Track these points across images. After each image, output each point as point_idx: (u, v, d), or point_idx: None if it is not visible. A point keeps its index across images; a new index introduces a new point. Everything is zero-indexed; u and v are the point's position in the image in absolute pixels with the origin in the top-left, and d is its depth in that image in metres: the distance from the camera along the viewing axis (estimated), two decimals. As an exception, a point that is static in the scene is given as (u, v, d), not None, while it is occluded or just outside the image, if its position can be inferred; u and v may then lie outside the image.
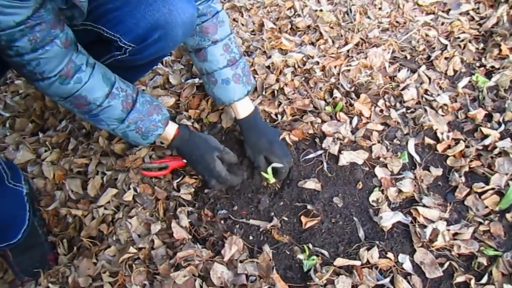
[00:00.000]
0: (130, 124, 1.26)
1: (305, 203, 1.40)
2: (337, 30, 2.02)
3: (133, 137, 1.31)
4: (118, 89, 1.22)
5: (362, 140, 1.52)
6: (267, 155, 1.46)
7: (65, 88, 1.12)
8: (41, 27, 0.97)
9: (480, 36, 1.88)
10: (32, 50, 0.99)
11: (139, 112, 1.27)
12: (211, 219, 1.41)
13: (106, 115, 1.22)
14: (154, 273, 1.28)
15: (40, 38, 0.98)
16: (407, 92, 1.66)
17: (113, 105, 1.21)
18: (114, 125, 1.25)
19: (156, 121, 1.31)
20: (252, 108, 1.50)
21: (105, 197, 1.50)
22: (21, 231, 1.40)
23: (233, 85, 1.43)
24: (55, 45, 1.02)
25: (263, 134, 1.49)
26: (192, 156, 1.44)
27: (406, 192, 1.38)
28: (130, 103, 1.25)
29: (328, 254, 1.29)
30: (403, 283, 1.18)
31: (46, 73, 1.06)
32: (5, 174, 1.34)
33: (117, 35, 1.15)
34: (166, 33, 1.15)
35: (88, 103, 1.17)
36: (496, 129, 1.49)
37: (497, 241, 1.25)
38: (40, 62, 1.03)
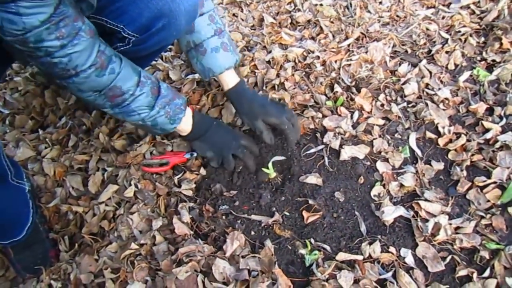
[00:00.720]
0: (160, 109, 1.27)
1: (307, 198, 1.40)
2: (338, 25, 2.01)
3: (162, 123, 1.31)
4: (145, 77, 1.23)
5: (363, 135, 1.51)
6: (264, 118, 1.48)
7: (101, 80, 1.12)
8: (65, 22, 0.97)
9: (481, 30, 1.87)
10: (61, 46, 0.99)
11: (165, 97, 1.28)
12: (212, 215, 1.41)
13: (138, 104, 1.22)
14: (156, 269, 1.28)
15: (66, 33, 0.98)
16: (408, 86, 1.65)
17: (144, 92, 1.22)
18: (145, 113, 1.25)
19: (179, 104, 1.33)
20: (239, 79, 1.53)
21: (106, 193, 1.50)
22: (25, 228, 1.40)
23: (223, 53, 1.45)
24: (81, 37, 1.02)
25: (254, 100, 1.51)
26: (211, 126, 1.47)
27: (407, 186, 1.38)
28: (156, 90, 1.26)
29: (330, 248, 1.28)
30: (405, 277, 1.18)
31: (80, 67, 1.05)
32: (9, 172, 1.34)
33: (121, 25, 1.16)
34: (169, 21, 1.16)
35: (123, 93, 1.18)
36: (497, 123, 1.49)
37: (499, 235, 1.24)
38: (71, 57, 1.02)
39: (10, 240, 1.39)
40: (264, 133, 1.48)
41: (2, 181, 1.32)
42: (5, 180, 1.33)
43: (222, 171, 1.51)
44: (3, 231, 1.38)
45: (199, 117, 1.45)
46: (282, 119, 1.47)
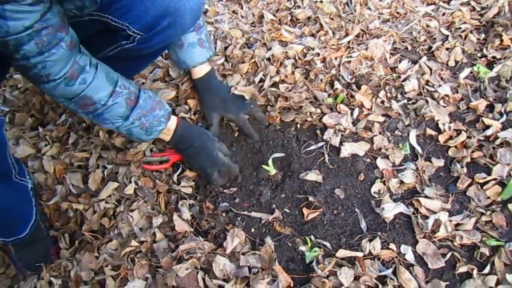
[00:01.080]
0: (135, 120, 1.26)
1: (307, 195, 1.40)
2: (338, 21, 2.01)
3: (137, 134, 1.31)
4: (121, 87, 1.22)
5: (364, 132, 1.51)
6: (221, 113, 1.56)
7: (70, 89, 1.12)
8: (48, 31, 0.97)
9: (481, 27, 1.86)
10: (38, 53, 0.99)
11: (142, 108, 1.27)
12: (212, 212, 1.41)
13: (111, 113, 1.22)
14: (156, 266, 1.28)
15: (47, 42, 0.99)
16: (408, 83, 1.65)
17: (117, 102, 1.21)
18: (118, 123, 1.25)
19: (159, 116, 1.32)
20: (208, 68, 1.59)
21: (106, 190, 1.50)
22: (29, 225, 1.41)
23: (199, 48, 1.50)
24: (60, 48, 1.03)
25: (216, 93, 1.59)
26: (195, 144, 1.43)
27: (407, 183, 1.38)
28: (133, 100, 1.25)
29: (330, 245, 1.29)
30: (405, 274, 1.18)
31: (52, 76, 1.06)
32: (14, 169, 1.34)
33: (126, 23, 1.16)
34: (175, 20, 1.16)
35: (93, 103, 1.17)
36: (497, 119, 1.49)
37: (499, 232, 1.25)
38: (46, 65, 1.03)
39: (14, 237, 1.39)
40: (213, 125, 1.55)
41: (6, 179, 1.32)
42: (9, 178, 1.33)
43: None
44: (8, 229, 1.38)
45: (183, 132, 1.43)
46: (238, 115, 1.54)
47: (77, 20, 1.13)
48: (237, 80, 1.74)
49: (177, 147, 1.47)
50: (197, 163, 1.46)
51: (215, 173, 1.43)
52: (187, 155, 1.47)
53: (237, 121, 1.55)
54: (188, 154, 1.46)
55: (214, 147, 1.44)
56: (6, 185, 1.32)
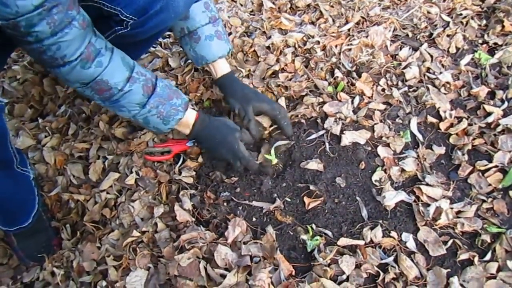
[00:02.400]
0: (152, 108, 1.24)
1: (308, 184, 1.39)
2: (338, 9, 1.99)
3: (154, 123, 1.29)
4: (138, 73, 1.20)
5: (364, 120, 1.51)
6: (257, 103, 1.47)
7: (87, 72, 1.10)
8: (58, 9, 0.95)
9: (482, 13, 1.85)
10: (51, 34, 0.97)
11: (160, 96, 1.25)
12: (214, 202, 1.41)
13: (127, 100, 1.20)
14: (158, 256, 1.29)
15: (59, 21, 0.96)
16: (409, 70, 1.64)
17: (134, 89, 1.19)
18: (135, 111, 1.23)
19: (177, 105, 1.29)
20: (229, 68, 1.53)
21: (107, 181, 1.50)
22: (32, 215, 1.42)
23: (217, 41, 1.44)
24: (73, 27, 1.00)
25: (246, 87, 1.53)
26: (216, 139, 1.41)
27: (409, 171, 1.38)
28: (150, 87, 1.23)
29: (331, 234, 1.29)
30: (406, 262, 1.19)
31: (68, 57, 1.04)
32: (15, 159, 1.34)
33: (118, 8, 1.14)
34: (167, 3, 1.15)
35: (110, 88, 1.15)
36: (499, 106, 1.48)
37: (500, 218, 1.25)
38: (60, 46, 1.01)
39: (17, 227, 1.40)
40: (251, 122, 1.47)
41: (8, 168, 1.32)
42: (11, 167, 1.33)
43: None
44: (11, 218, 1.39)
45: (201, 127, 1.40)
46: (273, 105, 1.48)
47: None
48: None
49: (198, 140, 1.46)
50: (219, 155, 1.43)
51: (238, 162, 1.40)
52: (208, 148, 1.47)
53: (273, 111, 1.47)
54: (209, 147, 1.45)
55: (236, 140, 1.40)
56: (7, 174, 1.32)
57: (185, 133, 1.41)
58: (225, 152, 1.40)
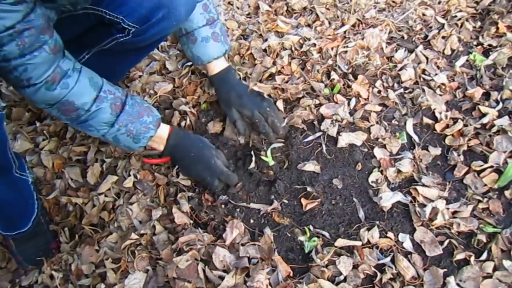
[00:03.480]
0: (121, 127, 1.23)
1: (305, 185, 1.40)
2: (334, 11, 2.01)
3: (124, 141, 1.27)
4: (106, 92, 1.19)
5: (361, 122, 1.52)
6: (238, 108, 1.51)
7: (52, 94, 1.09)
8: (30, 32, 0.95)
9: (477, 14, 1.86)
10: (19, 55, 0.97)
11: (129, 114, 1.23)
12: (211, 204, 1.42)
13: (95, 120, 1.18)
14: (156, 259, 1.29)
15: (29, 44, 0.96)
16: (405, 72, 1.65)
17: (102, 108, 1.17)
18: (104, 130, 1.22)
19: (147, 122, 1.28)
20: (225, 65, 1.55)
21: (105, 184, 1.50)
22: (31, 219, 1.42)
23: (212, 43, 1.46)
24: (43, 51, 1.00)
25: (233, 89, 1.53)
26: (191, 153, 1.40)
27: (405, 172, 1.39)
28: (119, 106, 1.21)
29: (329, 235, 1.30)
30: (403, 262, 1.19)
31: (33, 80, 1.03)
32: (14, 164, 1.33)
33: (120, 16, 1.15)
34: (169, 12, 1.16)
35: (76, 109, 1.14)
36: (494, 107, 1.49)
37: (496, 218, 1.26)
38: (27, 68, 1.00)
39: (17, 231, 1.40)
40: (237, 122, 1.50)
41: (7, 173, 1.32)
42: (10, 172, 1.33)
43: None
44: (11, 223, 1.39)
45: (177, 141, 1.39)
46: (255, 112, 1.48)
47: (72, 15, 1.12)
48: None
49: (172, 157, 1.44)
50: (195, 173, 1.43)
51: (216, 180, 1.40)
52: (183, 165, 1.44)
53: (252, 118, 1.49)
54: (184, 164, 1.43)
55: (212, 155, 1.41)
56: (7, 180, 1.32)
57: (159, 149, 1.40)
58: (201, 169, 1.40)
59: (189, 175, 1.46)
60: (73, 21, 1.12)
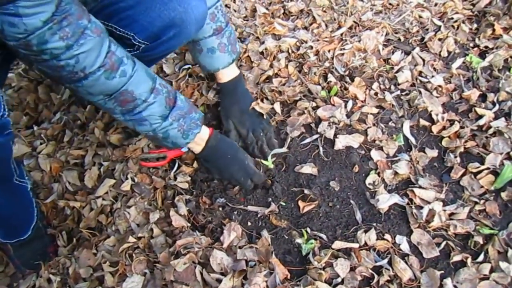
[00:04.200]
0: (173, 121, 1.22)
1: (302, 188, 1.41)
2: (330, 14, 2.01)
3: (173, 137, 1.26)
4: (161, 85, 1.18)
5: (358, 124, 1.52)
6: (236, 123, 1.54)
7: (111, 83, 1.06)
8: (68, 20, 0.92)
9: (473, 17, 1.87)
10: (66, 47, 0.93)
11: (181, 109, 1.23)
12: (209, 207, 1.42)
13: (150, 112, 1.17)
14: (154, 262, 1.29)
15: (71, 33, 0.93)
16: (402, 74, 1.65)
17: (157, 101, 1.16)
18: (157, 124, 1.20)
19: (196, 119, 1.29)
20: (235, 73, 1.54)
21: (103, 187, 1.50)
22: (31, 227, 1.41)
23: (218, 54, 1.45)
24: (88, 36, 0.97)
25: (236, 102, 1.55)
26: (227, 155, 1.41)
27: (402, 174, 1.39)
28: (172, 100, 1.21)
29: (326, 237, 1.30)
30: (400, 264, 1.20)
31: (88, 68, 1.00)
32: (15, 172, 1.32)
33: (131, 33, 1.14)
34: (180, 30, 1.16)
35: (134, 99, 1.12)
36: (490, 109, 1.50)
37: (492, 220, 1.26)
38: (78, 58, 0.97)
39: (17, 239, 1.40)
40: (231, 133, 1.53)
41: (7, 182, 1.31)
42: (10, 180, 1.32)
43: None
44: (12, 231, 1.39)
45: (215, 143, 1.40)
46: (249, 134, 1.52)
47: None
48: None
49: (208, 158, 1.43)
50: (229, 174, 1.43)
51: (248, 180, 1.41)
52: (219, 166, 1.44)
53: (246, 139, 1.52)
54: (220, 165, 1.43)
55: (245, 158, 1.43)
56: (7, 188, 1.31)
57: (197, 150, 1.39)
58: (236, 169, 1.41)
59: (223, 176, 1.46)
60: None
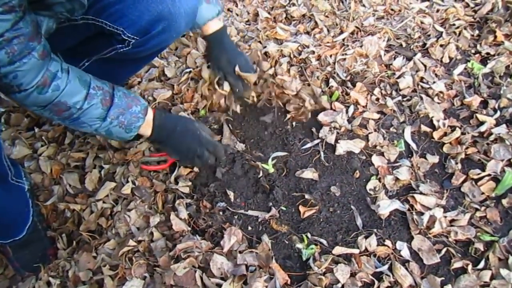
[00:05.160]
0: (113, 120, 1.21)
1: (303, 193, 1.40)
2: (332, 19, 2.01)
3: (116, 133, 1.26)
4: (95, 88, 1.18)
5: (359, 129, 1.52)
6: (225, 72, 1.58)
7: (44, 97, 1.07)
8: (19, 40, 0.94)
9: (475, 23, 1.87)
10: (9, 63, 0.95)
11: (119, 106, 1.22)
12: (209, 211, 1.41)
13: (87, 116, 1.17)
14: (154, 266, 1.29)
15: (18, 51, 0.95)
16: (403, 80, 1.66)
17: (93, 104, 1.16)
18: (96, 125, 1.20)
19: (136, 112, 1.27)
20: (220, 25, 1.56)
21: (103, 190, 1.50)
22: (26, 227, 1.41)
23: (205, 5, 1.47)
24: (32, 58, 0.99)
25: (224, 53, 1.58)
26: (177, 128, 1.39)
27: (403, 180, 1.39)
28: (108, 100, 1.20)
29: (326, 243, 1.30)
30: (401, 270, 1.19)
31: (24, 86, 1.02)
32: (10, 171, 1.33)
33: (120, 28, 1.15)
34: (169, 24, 1.16)
35: (69, 108, 1.13)
36: (491, 115, 1.50)
37: (493, 227, 1.26)
38: (17, 74, 0.99)
39: (11, 239, 1.39)
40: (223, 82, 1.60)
41: (2, 181, 1.31)
42: (5, 180, 1.32)
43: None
44: (5, 231, 1.38)
45: (160, 121, 1.36)
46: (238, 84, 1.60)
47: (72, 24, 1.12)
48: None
49: (160, 138, 1.39)
50: (185, 147, 1.40)
51: (205, 152, 1.40)
52: (171, 144, 1.42)
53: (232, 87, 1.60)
54: (172, 142, 1.41)
55: (197, 128, 1.41)
56: (2, 187, 1.32)
57: (147, 134, 1.37)
58: (189, 142, 1.39)
59: (180, 152, 1.43)
60: (72, 31, 1.12)
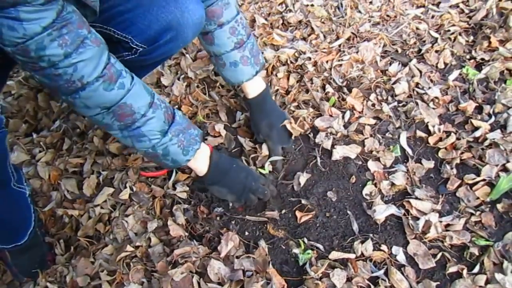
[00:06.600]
0: (173, 137, 1.18)
1: (300, 198, 1.41)
2: (329, 25, 2.03)
3: (174, 153, 1.21)
4: (159, 100, 1.17)
5: (355, 135, 1.53)
6: (265, 138, 1.54)
7: (109, 94, 1.03)
8: (68, 28, 0.91)
9: (470, 29, 1.89)
10: (65, 55, 0.92)
11: (180, 124, 1.20)
12: (207, 216, 1.42)
13: (149, 127, 1.13)
14: (151, 271, 1.30)
15: (70, 41, 0.92)
16: (399, 85, 1.67)
17: (156, 115, 1.13)
18: (156, 139, 1.16)
19: (194, 135, 1.25)
20: (261, 87, 1.52)
21: (101, 196, 1.51)
22: (28, 232, 1.41)
23: (241, 67, 1.42)
24: (87, 46, 0.96)
25: (266, 117, 1.54)
26: (233, 165, 1.39)
27: (398, 185, 1.40)
28: (170, 115, 1.19)
29: (323, 247, 1.30)
30: (397, 275, 1.20)
31: (86, 78, 0.98)
32: (12, 177, 1.33)
33: (129, 36, 1.16)
34: (177, 34, 1.17)
35: (133, 113, 1.09)
36: (486, 121, 1.51)
37: (488, 231, 1.27)
38: (77, 66, 0.95)
39: (13, 244, 1.40)
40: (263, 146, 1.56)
41: (5, 187, 1.32)
42: (8, 186, 1.32)
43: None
44: (8, 236, 1.39)
45: (217, 158, 1.37)
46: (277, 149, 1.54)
47: None
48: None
49: (217, 177, 1.37)
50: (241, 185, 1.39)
51: (260, 187, 1.40)
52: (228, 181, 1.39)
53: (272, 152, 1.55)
54: (230, 179, 1.39)
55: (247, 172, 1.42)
56: (5, 193, 1.32)
57: (203, 170, 1.35)
58: (244, 176, 1.39)
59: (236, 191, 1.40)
60: None
